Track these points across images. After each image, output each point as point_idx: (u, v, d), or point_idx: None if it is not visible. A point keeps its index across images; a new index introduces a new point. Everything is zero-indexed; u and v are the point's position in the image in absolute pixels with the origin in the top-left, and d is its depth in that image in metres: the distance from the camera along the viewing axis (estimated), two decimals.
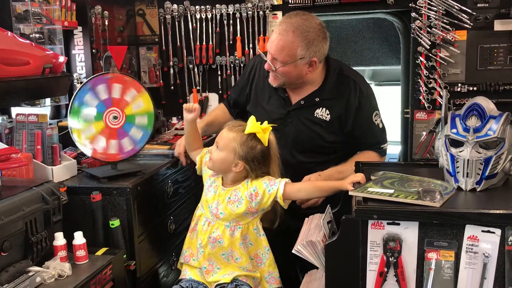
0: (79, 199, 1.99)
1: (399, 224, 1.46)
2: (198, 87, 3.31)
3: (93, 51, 2.81)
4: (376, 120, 2.25)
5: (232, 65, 3.22)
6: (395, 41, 3.86)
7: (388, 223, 1.47)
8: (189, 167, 2.39)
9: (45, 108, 2.57)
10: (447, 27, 2.90)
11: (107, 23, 2.98)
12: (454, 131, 1.65)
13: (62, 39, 2.53)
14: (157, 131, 2.91)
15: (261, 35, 3.13)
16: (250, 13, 3.12)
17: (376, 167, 1.94)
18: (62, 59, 2.30)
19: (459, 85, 2.96)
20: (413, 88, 3.04)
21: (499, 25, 2.89)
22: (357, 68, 3.74)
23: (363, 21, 4.09)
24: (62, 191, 1.83)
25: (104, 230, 1.96)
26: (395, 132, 3.36)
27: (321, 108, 2.21)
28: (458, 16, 2.88)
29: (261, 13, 3.10)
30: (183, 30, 3.23)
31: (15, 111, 2.33)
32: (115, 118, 2.08)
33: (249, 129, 1.89)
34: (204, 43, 3.22)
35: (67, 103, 2.54)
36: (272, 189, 1.89)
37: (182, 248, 2.07)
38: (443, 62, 2.94)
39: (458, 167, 1.61)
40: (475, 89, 2.93)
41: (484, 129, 1.61)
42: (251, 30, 3.15)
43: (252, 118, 1.92)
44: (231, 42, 3.19)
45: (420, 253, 1.47)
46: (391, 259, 1.47)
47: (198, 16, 3.19)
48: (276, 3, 3.09)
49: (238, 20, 3.15)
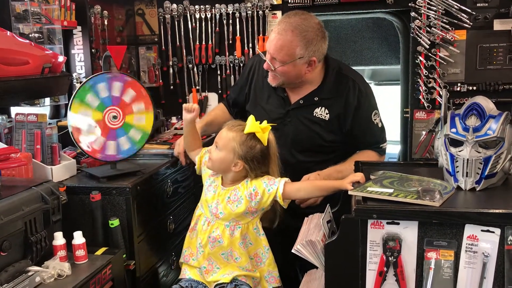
0: (78, 198, 1.99)
1: (398, 223, 1.46)
2: (197, 87, 3.31)
3: (93, 50, 2.81)
4: (375, 119, 2.25)
5: (231, 65, 3.22)
6: (394, 40, 3.86)
7: (387, 223, 1.47)
8: (188, 167, 2.39)
9: (44, 107, 2.57)
10: (447, 26, 2.90)
11: (106, 22, 2.97)
12: (453, 130, 1.65)
13: (61, 39, 2.53)
14: (157, 130, 2.91)
15: (261, 35, 3.13)
16: (249, 12, 3.11)
17: (375, 166, 1.94)
18: (61, 58, 2.30)
19: (459, 84, 2.96)
20: (412, 87, 3.04)
21: (499, 25, 2.89)
22: (357, 67, 3.74)
23: (363, 21, 4.08)
24: (61, 190, 1.83)
25: (103, 229, 1.96)
26: (394, 131, 3.36)
27: (320, 107, 2.21)
28: (457, 15, 2.88)
29: (261, 12, 3.10)
30: (182, 29, 3.23)
31: (14, 110, 2.33)
32: (114, 118, 2.08)
33: (248, 128, 1.89)
34: (203, 43, 3.22)
35: (67, 102, 2.54)
36: (271, 188, 1.89)
37: (181, 247, 2.07)
38: (443, 61, 2.94)
39: (457, 166, 1.61)
40: (475, 88, 2.93)
41: (483, 129, 1.61)
42: (250, 29, 3.15)
43: (251, 117, 1.92)
44: (230, 41, 3.19)
45: (419, 253, 1.47)
46: (390, 259, 1.47)
47: (197, 15, 3.19)
48: (275, 2, 3.09)
49: (237, 19, 3.15)
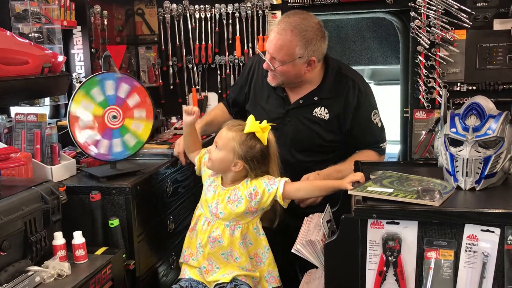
0: (78, 198, 1.99)
1: (398, 223, 1.46)
2: (197, 87, 3.31)
3: (92, 50, 2.80)
4: (375, 119, 2.25)
5: (231, 65, 3.22)
6: (394, 40, 3.85)
7: (387, 222, 1.47)
8: (188, 167, 2.39)
9: (44, 107, 2.57)
10: (447, 26, 2.90)
11: (106, 22, 2.97)
12: (453, 130, 1.65)
13: (61, 39, 2.52)
14: (157, 130, 2.91)
15: (261, 35, 3.13)
16: (249, 12, 3.11)
17: (375, 166, 1.94)
18: (61, 58, 2.30)
19: (459, 84, 2.96)
20: (412, 87, 3.04)
21: (498, 24, 2.89)
22: (356, 67, 3.73)
23: (362, 21, 4.08)
24: (61, 190, 1.82)
25: (103, 229, 1.96)
26: (394, 131, 3.36)
27: (319, 107, 2.21)
28: (457, 15, 2.88)
29: (260, 12, 3.10)
30: (182, 29, 3.23)
31: (14, 110, 2.33)
32: (114, 117, 2.08)
33: (248, 128, 1.89)
34: (203, 43, 3.22)
35: (66, 102, 2.54)
36: (271, 188, 1.89)
37: (181, 247, 2.07)
38: (443, 61, 2.94)
39: (457, 166, 1.61)
40: (474, 88, 2.93)
41: (483, 128, 1.61)
42: (250, 29, 3.15)
43: (251, 117, 1.92)
44: (230, 41, 3.19)
45: (419, 252, 1.47)
46: (390, 258, 1.47)
47: (197, 15, 3.19)
48: (275, 2, 3.09)
49: (237, 19, 3.15)
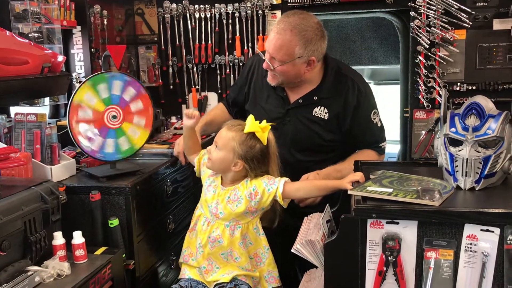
0: (78, 198, 1.99)
1: (398, 223, 1.46)
2: (197, 87, 3.31)
3: (92, 50, 2.81)
4: (374, 118, 2.25)
5: (231, 65, 3.22)
6: (394, 40, 3.85)
7: (387, 222, 1.47)
8: (188, 167, 2.39)
9: (44, 107, 2.57)
10: (446, 26, 2.90)
11: (106, 22, 2.97)
12: (453, 130, 1.65)
13: (61, 39, 2.52)
14: (156, 130, 2.91)
15: (260, 34, 3.13)
16: (249, 12, 3.11)
17: (375, 166, 1.94)
18: (61, 58, 2.30)
19: (458, 84, 2.96)
20: (412, 87, 3.04)
21: (498, 24, 2.89)
22: (356, 67, 3.73)
23: (362, 20, 4.08)
24: (61, 190, 1.82)
25: (103, 229, 1.96)
26: (394, 131, 3.36)
27: (319, 106, 2.21)
28: (457, 15, 2.88)
29: (260, 12, 3.10)
30: (182, 29, 3.23)
31: (14, 110, 2.33)
32: (113, 117, 2.08)
33: (248, 128, 1.89)
34: (203, 43, 3.22)
35: (66, 102, 2.54)
36: (271, 188, 1.89)
37: (181, 247, 2.07)
38: (442, 61, 2.94)
39: (457, 166, 1.61)
40: (474, 88, 2.93)
41: (483, 128, 1.61)
42: (250, 29, 3.15)
43: (251, 117, 1.92)
44: (230, 41, 3.19)
45: (419, 252, 1.47)
46: (390, 258, 1.47)
47: (197, 15, 3.19)
48: (275, 2, 3.09)
49: (237, 19, 3.15)
